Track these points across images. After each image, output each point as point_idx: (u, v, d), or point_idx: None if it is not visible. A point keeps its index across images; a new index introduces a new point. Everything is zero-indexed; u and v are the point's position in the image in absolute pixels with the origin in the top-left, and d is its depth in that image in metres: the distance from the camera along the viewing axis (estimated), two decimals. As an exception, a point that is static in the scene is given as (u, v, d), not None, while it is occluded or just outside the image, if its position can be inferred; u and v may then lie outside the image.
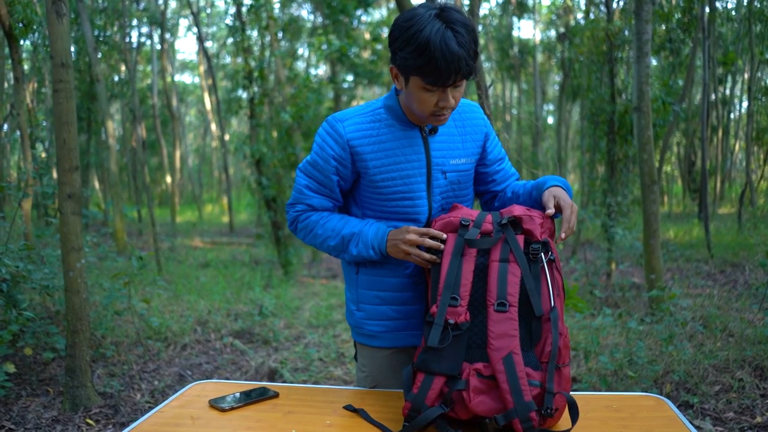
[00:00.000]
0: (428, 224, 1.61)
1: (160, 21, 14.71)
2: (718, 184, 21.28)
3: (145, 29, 16.28)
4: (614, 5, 7.61)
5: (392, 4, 19.84)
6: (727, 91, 21.90)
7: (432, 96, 1.45)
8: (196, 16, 14.57)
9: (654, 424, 1.40)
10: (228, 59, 23.13)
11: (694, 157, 20.59)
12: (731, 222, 14.40)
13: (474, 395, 1.32)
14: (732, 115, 24.55)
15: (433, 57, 1.36)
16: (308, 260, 9.47)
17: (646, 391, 3.34)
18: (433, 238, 1.48)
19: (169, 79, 17.86)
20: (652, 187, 5.14)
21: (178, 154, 20.60)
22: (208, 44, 24.15)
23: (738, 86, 23.99)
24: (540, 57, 20.22)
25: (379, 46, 14.04)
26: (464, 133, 1.67)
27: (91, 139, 13.37)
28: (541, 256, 1.42)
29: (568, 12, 15.88)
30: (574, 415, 1.29)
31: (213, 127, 23.31)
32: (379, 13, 17.50)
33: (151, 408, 3.42)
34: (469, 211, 1.54)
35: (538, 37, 20.37)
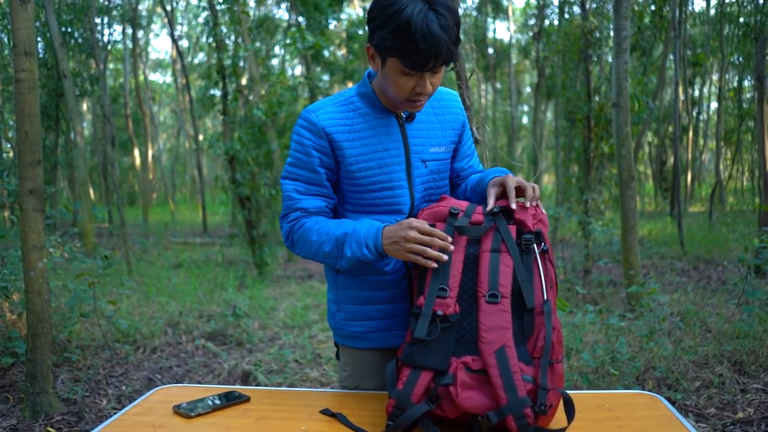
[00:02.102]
0: (411, 215, 1.52)
1: (130, 18, 14.38)
2: (689, 183, 21.65)
3: (117, 27, 15.92)
4: (588, 4, 7.63)
5: (367, 5, 19.76)
6: (696, 92, 22.32)
7: (409, 80, 1.37)
8: (169, 13, 14.29)
9: (650, 424, 1.32)
10: (201, 57, 22.82)
11: (666, 156, 20.93)
12: (702, 220, 14.62)
13: (462, 390, 1.23)
14: (702, 116, 25.04)
15: (413, 39, 1.27)
16: (283, 260, 9.31)
17: (629, 388, 3.30)
18: (433, 237, 1.34)
19: (141, 77, 17.52)
20: (630, 183, 5.13)
21: (150, 153, 20.22)
22: (183, 43, 23.76)
23: (707, 87, 24.47)
24: (514, 57, 20.35)
25: (355, 45, 13.96)
26: (443, 121, 1.59)
27: (60, 137, 13.00)
28: (533, 247, 1.34)
29: (542, 9, 15.97)
30: (570, 413, 1.21)
31: (187, 126, 22.95)
32: (354, 13, 17.41)
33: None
34: (458, 201, 1.45)
35: (512, 37, 20.49)
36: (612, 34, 7.66)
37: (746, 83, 20.71)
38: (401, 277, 1.53)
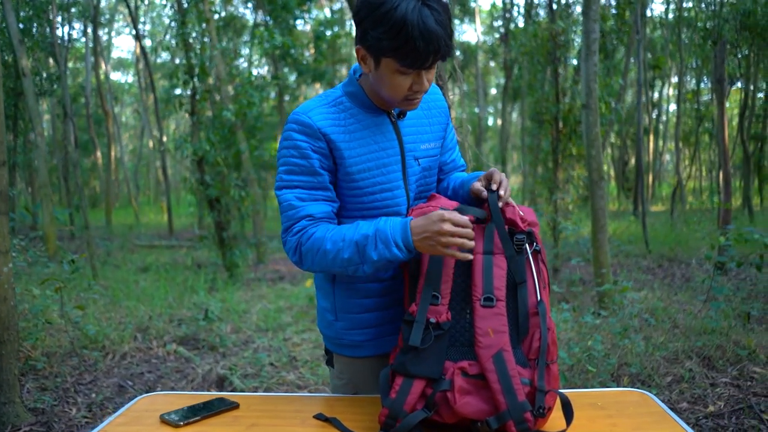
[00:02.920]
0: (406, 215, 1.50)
1: (91, 16, 14.00)
2: (650, 183, 22.21)
3: (77, 25, 15.49)
4: (555, 5, 7.75)
5: (336, 5, 19.69)
6: (656, 95, 22.92)
7: (406, 79, 1.33)
8: (132, 11, 13.96)
9: (644, 421, 1.33)
10: (165, 56, 22.38)
11: (627, 157, 21.43)
12: (664, 219, 15.01)
13: (460, 396, 1.22)
14: (661, 118, 25.73)
15: (410, 37, 1.24)
16: (253, 262, 9.20)
17: (605, 385, 3.36)
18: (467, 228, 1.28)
19: (103, 77, 17.08)
20: (600, 183, 5.22)
21: (113, 154, 19.74)
22: (146, 42, 23.25)
23: (665, 90, 25.15)
24: (481, 59, 20.55)
25: (323, 45, 13.90)
26: (430, 116, 1.56)
27: (18, 138, 12.58)
28: (525, 248, 1.34)
29: (507, 11, 16.17)
30: (569, 415, 1.21)
31: (151, 127, 22.48)
32: (322, 14, 17.33)
33: (88, 423, 3.17)
34: (447, 201, 1.44)
35: (479, 39, 20.69)
36: (578, 36, 7.81)
37: (703, 86, 21.39)
38: (402, 280, 1.49)
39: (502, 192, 1.37)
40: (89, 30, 15.06)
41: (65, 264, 3.92)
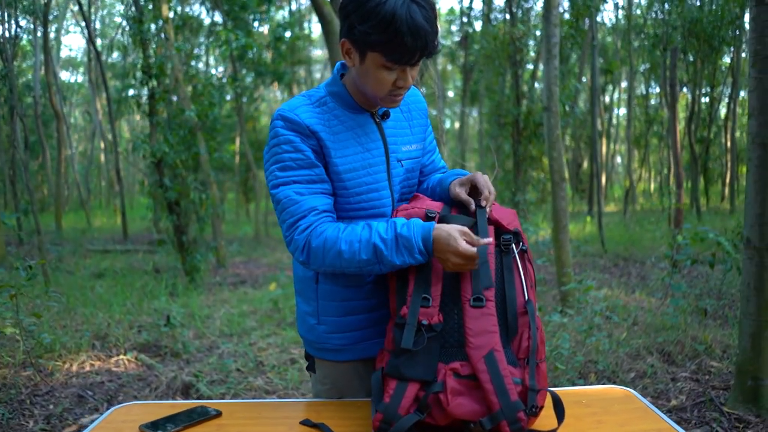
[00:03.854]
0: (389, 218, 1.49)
1: (42, 12, 13.47)
2: (603, 184, 22.85)
3: (23, 22, 14.87)
4: (514, 8, 7.89)
5: (303, 5, 19.52)
6: (607, 99, 23.62)
7: (390, 75, 1.33)
8: (85, 10, 13.50)
9: (629, 417, 1.36)
10: (116, 56, 21.73)
11: (581, 159, 22.00)
12: (617, 219, 15.46)
13: (452, 397, 1.21)
14: (612, 121, 26.50)
15: (399, 32, 1.24)
16: (213, 266, 9.01)
17: (573, 383, 3.42)
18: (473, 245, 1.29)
19: (52, 75, 16.44)
20: (561, 184, 5.33)
21: (63, 156, 19.04)
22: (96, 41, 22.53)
23: (616, 94, 25.94)
24: (440, 62, 20.74)
25: (282, 47, 13.75)
26: (410, 118, 1.56)
27: (-41, 139, 12.01)
28: (512, 247, 1.35)
29: (465, 15, 16.37)
30: (560, 413, 1.22)
31: (102, 128, 21.79)
32: (280, 16, 17.16)
33: (48, 436, 3.03)
34: (431, 202, 1.44)
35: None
36: (533, 40, 7.95)
37: (651, 90, 22.15)
38: (383, 284, 1.48)
39: (488, 207, 1.39)
40: (38, 26, 14.50)
41: (21, 270, 3.75)
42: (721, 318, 4.88)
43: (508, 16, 8.31)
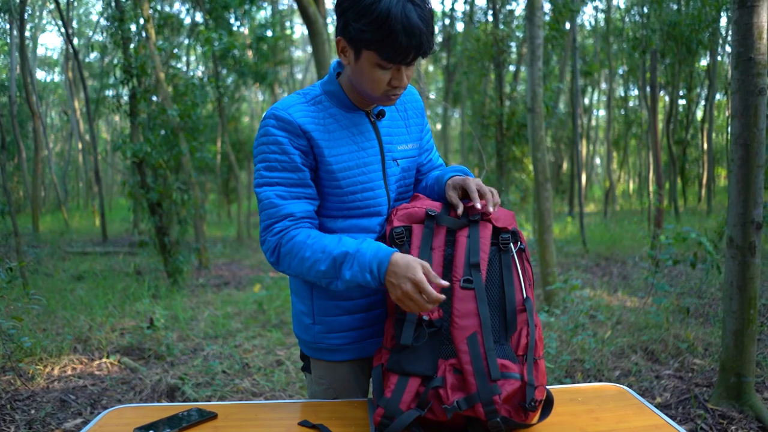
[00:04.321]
0: (387, 216, 1.49)
1: (14, 10, 13.22)
2: (583, 185, 23.10)
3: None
4: (497, 9, 7.93)
5: (285, 5, 19.43)
6: (587, 101, 23.91)
7: (385, 74, 1.32)
8: (63, 9, 13.26)
9: (624, 413, 1.37)
10: (94, 56, 21.43)
11: (561, 160, 22.22)
12: (598, 219, 15.64)
13: (452, 393, 1.22)
14: (593, 123, 26.82)
15: (393, 31, 1.23)
16: (196, 268, 8.92)
17: (561, 381, 3.45)
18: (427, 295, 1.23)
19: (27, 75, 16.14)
20: (546, 184, 5.37)
21: (39, 157, 18.71)
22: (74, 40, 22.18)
23: (595, 96, 26.27)
24: (423, 63, 20.79)
25: (264, 47, 13.67)
26: (407, 117, 1.56)
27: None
28: (510, 246, 1.35)
29: (446, 17, 16.43)
30: (547, 410, 1.25)
31: (80, 128, 21.47)
32: (261, 17, 17.05)
33: (31, 441, 2.98)
34: (431, 202, 1.43)
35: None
36: (517, 42, 8.01)
37: (630, 92, 22.46)
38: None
39: (491, 208, 1.35)
40: (15, 24, 14.23)
41: (1, 273, 3.67)
42: (702, 317, 4.96)
43: (491, 18, 8.36)
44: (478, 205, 1.34)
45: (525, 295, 1.32)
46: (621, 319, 4.78)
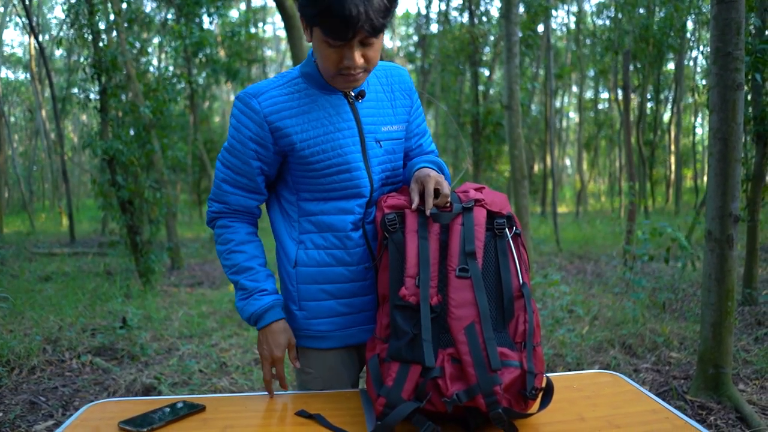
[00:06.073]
0: (371, 198, 1.45)
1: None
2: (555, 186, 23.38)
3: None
4: (474, 7, 7.97)
5: (258, 4, 19.24)
6: (558, 103, 24.24)
7: (334, 52, 1.28)
8: (27, 3, 12.90)
9: (620, 399, 1.36)
10: (60, 53, 20.91)
11: (532, 161, 22.47)
12: (570, 219, 15.85)
13: (451, 383, 1.18)
14: (563, 124, 27.21)
15: (328, 6, 1.19)
16: (168, 268, 8.75)
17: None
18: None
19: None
20: (523, 182, 5.40)
21: (2, 157, 18.19)
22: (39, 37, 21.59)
23: (566, 98, 26.66)
24: (399, 64, 20.82)
25: (236, 44, 13.52)
26: (393, 98, 1.52)
27: None
28: (506, 231, 1.33)
29: (421, 17, 16.48)
30: (548, 399, 1.23)
31: (46, 127, 20.93)
32: (231, 16, 16.87)
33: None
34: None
35: (397, 46, 20.96)
36: (489, 45, 8.06)
37: (600, 95, 22.84)
38: (370, 267, 1.45)
39: (427, 211, 1.29)
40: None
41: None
42: (677, 311, 5.04)
43: (466, 17, 8.39)
44: (427, 212, 1.28)
45: (522, 281, 1.29)
46: (598, 315, 4.83)
